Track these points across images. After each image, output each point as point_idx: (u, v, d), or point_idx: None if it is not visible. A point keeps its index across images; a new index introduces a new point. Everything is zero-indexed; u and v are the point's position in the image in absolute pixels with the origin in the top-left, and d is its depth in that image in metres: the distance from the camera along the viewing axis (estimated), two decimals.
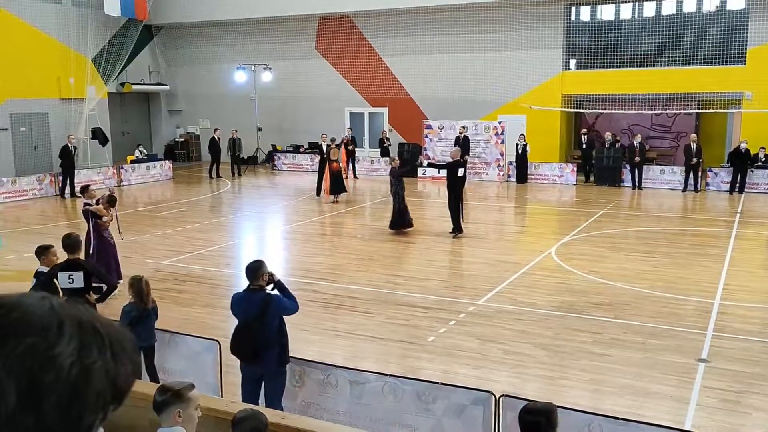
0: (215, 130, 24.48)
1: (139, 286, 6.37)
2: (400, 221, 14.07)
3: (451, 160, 14.32)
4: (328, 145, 18.92)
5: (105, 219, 9.95)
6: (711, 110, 21.21)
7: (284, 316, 5.66)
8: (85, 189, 10.60)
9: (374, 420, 5.53)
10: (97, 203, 10.13)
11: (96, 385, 0.91)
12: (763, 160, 19.71)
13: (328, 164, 18.27)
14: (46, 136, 22.95)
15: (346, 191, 18.69)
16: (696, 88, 20.78)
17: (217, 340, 6.32)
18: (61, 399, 0.88)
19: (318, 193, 19.05)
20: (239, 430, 3.26)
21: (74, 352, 0.90)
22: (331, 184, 18.20)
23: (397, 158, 15.60)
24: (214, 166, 23.57)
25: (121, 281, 9.07)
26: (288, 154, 25.95)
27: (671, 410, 6.23)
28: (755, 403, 6.39)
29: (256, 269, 5.52)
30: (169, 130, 30.06)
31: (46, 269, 6.89)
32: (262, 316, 5.45)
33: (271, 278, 5.57)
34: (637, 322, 8.55)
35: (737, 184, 19.26)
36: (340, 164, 18.55)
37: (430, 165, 14.17)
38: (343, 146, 19.22)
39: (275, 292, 5.59)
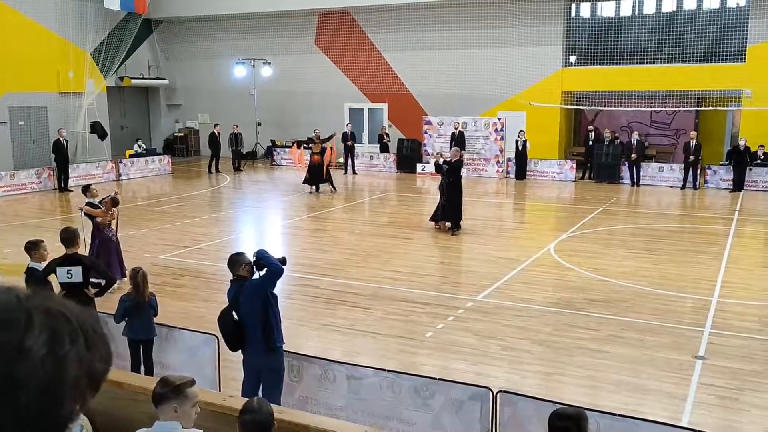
0: (215, 125, 24.46)
1: (135, 278, 6.39)
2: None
3: (450, 159, 14.28)
4: (313, 138, 19.46)
5: (99, 219, 9.94)
6: (710, 108, 21.20)
7: (275, 302, 5.68)
8: (86, 188, 10.61)
9: (372, 415, 5.53)
10: (101, 203, 10.14)
11: (71, 374, 0.90)
12: (762, 158, 19.70)
13: (311, 155, 19.01)
14: (44, 130, 22.91)
15: (323, 182, 18.91)
16: (696, 86, 20.77)
17: (215, 335, 6.32)
18: (37, 391, 0.88)
19: (317, 188, 19.06)
20: (242, 421, 3.27)
21: (45, 344, 0.89)
22: (310, 176, 18.81)
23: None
24: (214, 161, 23.56)
25: (125, 279, 9.09)
26: (287, 149, 25.92)
27: (668, 407, 6.24)
28: (753, 400, 6.40)
29: (233, 261, 5.69)
30: (168, 124, 30.01)
31: (37, 264, 6.86)
32: (235, 304, 5.57)
33: (254, 265, 5.59)
34: (634, 319, 8.56)
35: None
36: (323, 158, 18.73)
37: (437, 167, 14.12)
38: (332, 142, 19.48)
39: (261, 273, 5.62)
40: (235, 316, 5.65)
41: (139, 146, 24.89)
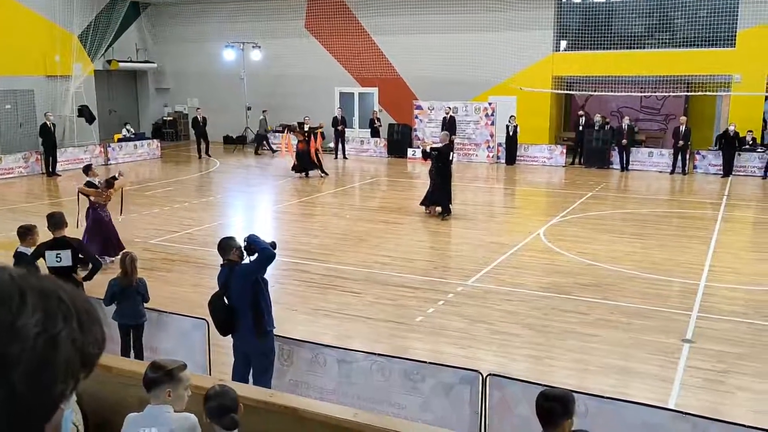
0: (197, 109, 24.36)
1: (124, 262, 6.38)
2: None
3: (439, 144, 14.28)
4: (305, 125, 19.58)
5: (93, 199, 10.01)
6: (700, 93, 21.25)
7: (266, 286, 5.68)
8: (88, 168, 10.76)
9: (362, 398, 5.56)
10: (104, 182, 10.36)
11: (64, 354, 0.90)
12: (750, 143, 19.80)
13: (297, 142, 19.12)
14: (31, 114, 22.67)
15: (312, 169, 18.99)
16: (685, 71, 20.79)
17: (205, 319, 6.32)
18: (29, 370, 0.88)
19: (307, 174, 19.04)
20: (209, 407, 3.26)
21: (39, 323, 0.89)
22: (297, 163, 18.98)
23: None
24: (203, 146, 23.38)
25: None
26: (277, 134, 25.78)
27: (656, 389, 6.31)
28: (739, 382, 6.48)
29: (224, 245, 5.68)
30: (156, 108, 29.77)
31: (26, 249, 6.83)
32: (225, 288, 5.58)
33: (245, 250, 5.59)
34: (623, 303, 8.63)
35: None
36: (308, 145, 18.83)
37: (424, 154, 14.10)
38: (319, 133, 19.59)
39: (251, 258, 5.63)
40: (226, 301, 5.65)
41: (128, 130, 24.68)
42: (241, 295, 5.53)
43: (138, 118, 29.53)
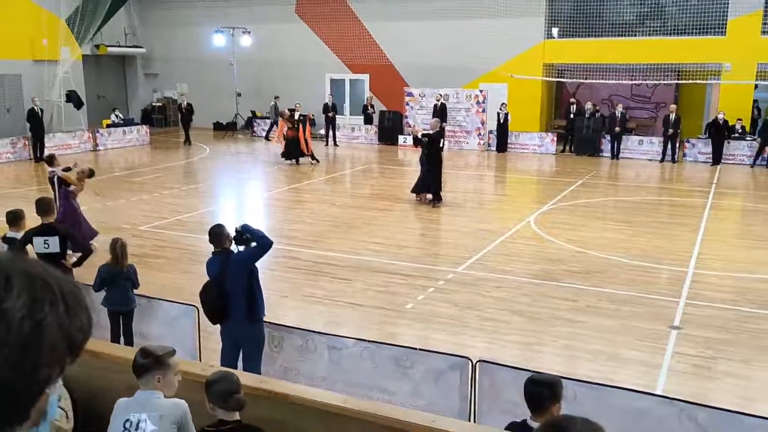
0: (181, 95, 24.18)
1: (114, 248, 6.34)
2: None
3: (430, 131, 14.26)
4: (296, 112, 19.54)
5: (73, 188, 9.82)
6: (690, 81, 21.30)
7: (257, 274, 5.67)
8: (52, 158, 10.54)
9: (352, 384, 5.58)
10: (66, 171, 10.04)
11: (49, 339, 0.90)
12: (740, 131, 19.90)
13: (287, 129, 19.09)
14: (19, 99, 22.40)
15: (302, 156, 18.97)
16: (676, 59, 20.83)
17: (195, 306, 6.31)
18: (13, 354, 0.87)
19: (297, 161, 18.99)
20: (213, 392, 3.27)
21: (24, 307, 0.89)
22: (286, 150, 18.99)
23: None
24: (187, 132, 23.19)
25: (98, 235, 9.61)
26: (267, 121, 25.65)
27: (643, 375, 6.36)
28: (725, 368, 6.55)
29: (218, 234, 5.63)
30: (145, 94, 29.53)
31: (15, 234, 6.78)
32: (221, 275, 5.53)
33: (239, 236, 5.58)
34: (612, 290, 8.68)
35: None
36: (298, 133, 18.79)
37: (415, 140, 14.08)
38: (308, 121, 19.57)
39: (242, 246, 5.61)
40: (217, 289, 5.62)
41: (116, 116, 24.48)
42: (237, 282, 5.53)
43: (127, 103, 29.29)
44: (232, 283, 5.53)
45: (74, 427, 3.43)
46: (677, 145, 19.92)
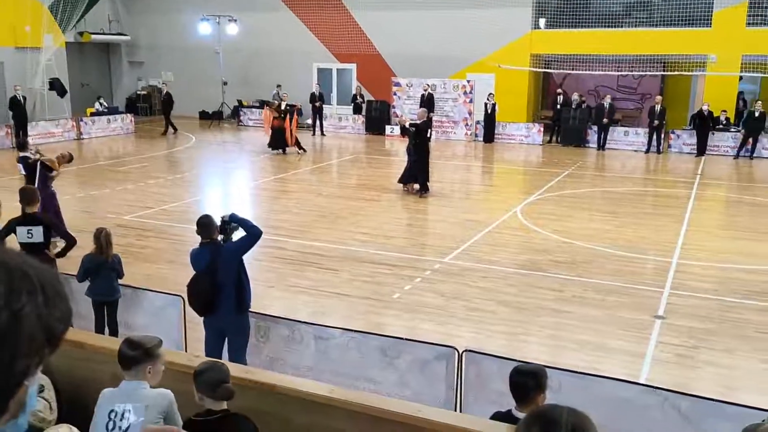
0: (163, 83, 23.95)
1: (98, 237, 6.28)
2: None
3: (417, 121, 14.25)
4: (281, 101, 19.48)
5: (54, 173, 9.70)
6: (676, 72, 21.42)
7: (245, 265, 5.64)
8: (26, 143, 10.52)
9: (339, 374, 5.58)
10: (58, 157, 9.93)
11: (27, 329, 0.89)
12: (724, 123, 20.05)
13: (273, 119, 19.05)
14: (1, 86, 22.12)
15: (288, 146, 18.96)
16: (662, 50, 20.92)
17: (180, 296, 6.28)
18: None
19: (284, 151, 18.92)
20: (201, 382, 3.25)
21: (1, 297, 0.87)
22: (272, 139, 18.99)
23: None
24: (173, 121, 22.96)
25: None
26: (254, 110, 25.51)
27: (627, 365, 6.42)
28: (708, 357, 6.62)
29: (207, 224, 5.55)
30: (130, 82, 29.24)
31: None
32: (212, 266, 5.47)
33: (224, 226, 5.54)
34: (597, 280, 8.74)
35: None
36: (284, 123, 18.75)
37: (402, 130, 14.06)
38: (296, 111, 19.52)
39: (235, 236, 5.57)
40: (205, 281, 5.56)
41: (101, 104, 24.21)
42: (228, 274, 5.49)
43: (111, 92, 28.99)
44: (224, 275, 5.48)
45: (58, 418, 3.40)
46: (662, 136, 20.04)
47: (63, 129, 21.26)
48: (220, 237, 5.57)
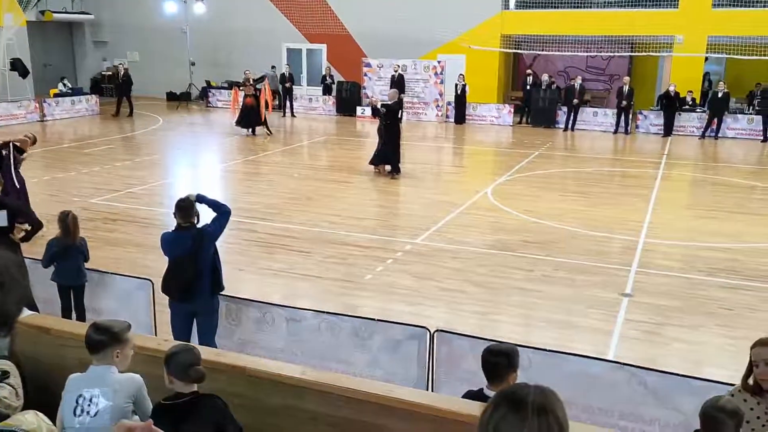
0: (120, 63, 23.42)
1: (65, 221, 6.15)
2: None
3: (388, 101, 14.19)
4: (250, 79, 19.19)
5: (24, 156, 9.52)
6: (644, 53, 21.63)
7: (217, 246, 5.58)
8: None
9: (311, 356, 5.58)
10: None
11: None
12: (690, 103, 20.35)
13: (245, 96, 18.79)
14: None
15: (258, 125, 18.74)
16: (630, 31, 21.09)
17: (150, 279, 6.20)
18: None
19: (253, 131, 18.74)
20: (172, 364, 3.22)
21: None
22: (242, 119, 18.69)
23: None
24: (131, 103, 22.43)
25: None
26: (223, 91, 25.16)
27: (596, 342, 6.53)
28: (674, 334, 6.77)
29: (188, 208, 5.40)
30: (94, 62, 28.59)
31: None
32: (196, 251, 5.37)
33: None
34: (566, 259, 8.85)
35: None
36: (257, 101, 18.53)
37: (374, 111, 13.99)
38: (264, 83, 19.27)
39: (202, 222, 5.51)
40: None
41: (64, 85, 23.65)
42: (207, 256, 5.43)
43: (75, 72, 28.34)
44: (203, 259, 5.41)
45: (24, 404, 3.34)
46: (630, 116, 20.28)
47: (26, 110, 20.74)
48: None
